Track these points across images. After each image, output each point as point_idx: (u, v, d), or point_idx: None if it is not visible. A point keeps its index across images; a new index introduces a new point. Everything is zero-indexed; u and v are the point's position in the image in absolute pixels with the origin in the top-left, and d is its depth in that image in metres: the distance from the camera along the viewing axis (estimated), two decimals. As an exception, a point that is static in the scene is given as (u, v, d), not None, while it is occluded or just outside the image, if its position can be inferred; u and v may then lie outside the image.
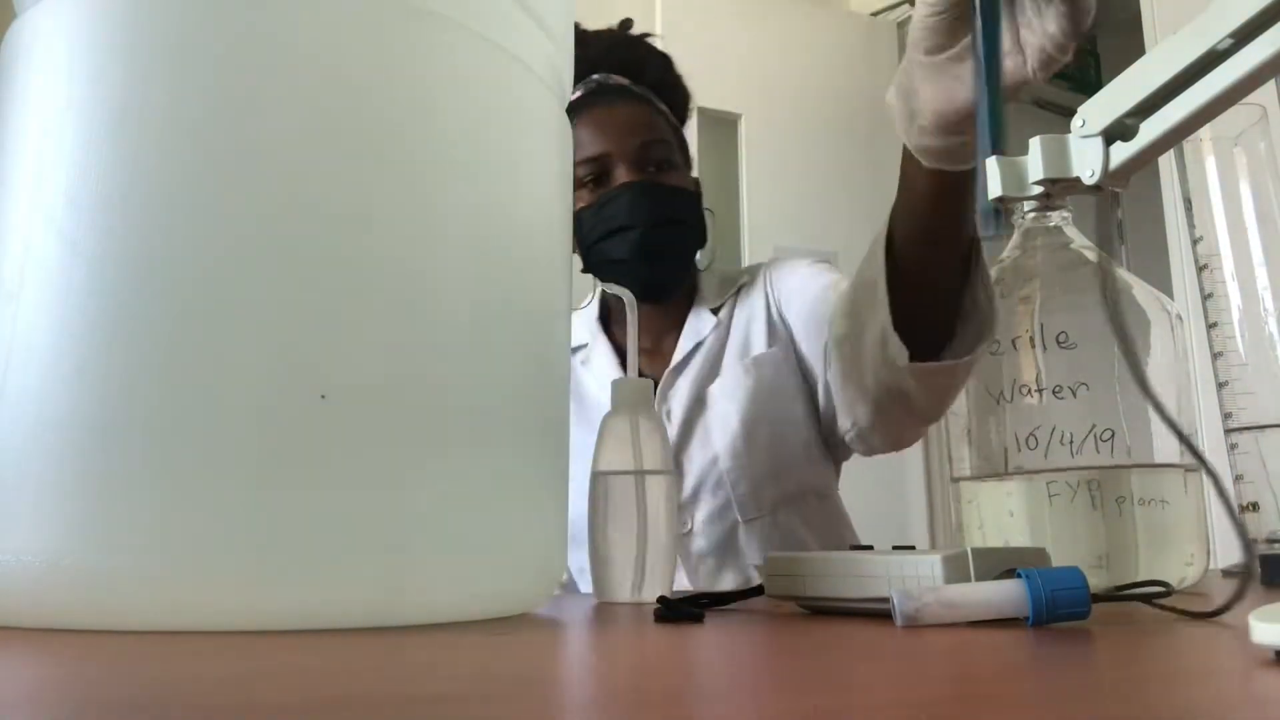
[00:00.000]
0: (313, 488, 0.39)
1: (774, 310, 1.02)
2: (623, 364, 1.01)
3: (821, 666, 0.32)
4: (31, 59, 0.44)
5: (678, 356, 1.01)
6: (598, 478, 0.63)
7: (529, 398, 0.50)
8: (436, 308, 0.44)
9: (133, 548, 0.37)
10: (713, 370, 1.00)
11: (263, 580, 0.39)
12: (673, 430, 0.97)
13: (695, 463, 0.96)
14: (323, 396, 0.40)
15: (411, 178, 0.45)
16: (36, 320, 0.40)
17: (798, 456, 0.98)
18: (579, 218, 0.96)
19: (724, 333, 1.02)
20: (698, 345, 1.01)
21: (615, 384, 0.65)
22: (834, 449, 1.02)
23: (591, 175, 0.97)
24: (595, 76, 1.02)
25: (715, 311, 1.03)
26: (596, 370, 1.03)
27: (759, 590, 0.53)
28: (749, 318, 1.02)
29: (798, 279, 1.02)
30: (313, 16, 0.44)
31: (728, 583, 0.95)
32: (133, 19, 0.42)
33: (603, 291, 1.08)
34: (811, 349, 0.98)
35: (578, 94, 1.00)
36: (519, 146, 0.51)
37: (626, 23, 1.09)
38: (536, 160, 0.53)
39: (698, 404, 0.98)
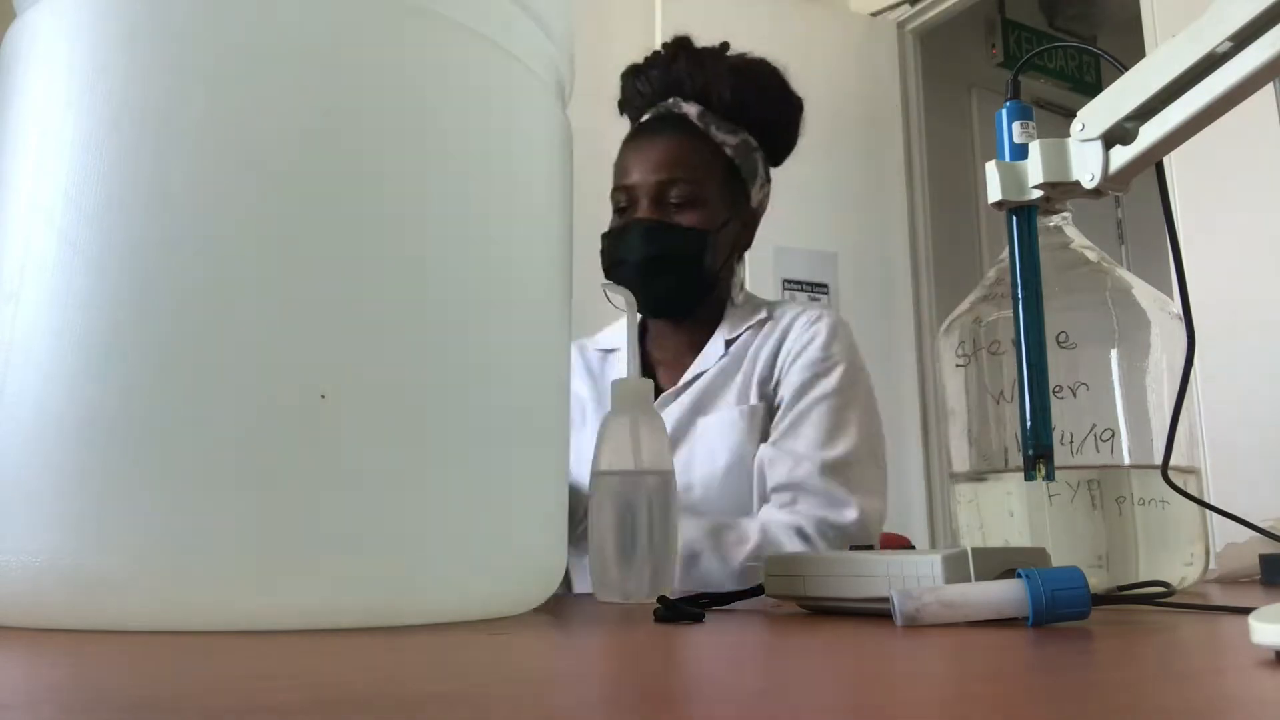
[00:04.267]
0: (313, 488, 0.39)
1: (780, 369, 1.02)
2: (641, 371, 1.02)
3: (821, 666, 0.32)
4: (31, 59, 0.44)
5: (690, 375, 1.04)
6: (598, 478, 0.63)
7: (529, 398, 0.50)
8: (436, 308, 0.44)
9: (132, 548, 0.37)
10: (708, 400, 1.02)
11: (263, 580, 0.39)
12: None
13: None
14: (322, 397, 0.40)
15: (411, 177, 0.45)
16: (36, 320, 0.40)
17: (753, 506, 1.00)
18: (602, 239, 1.03)
19: (731, 365, 1.04)
20: (700, 374, 1.03)
21: (615, 384, 0.66)
22: None
23: (620, 204, 1.03)
24: (669, 101, 1.07)
25: (729, 343, 1.05)
26: (617, 372, 1.05)
27: (759, 590, 0.53)
28: (758, 359, 1.03)
29: (802, 362, 1.01)
30: (312, 17, 0.44)
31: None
32: (132, 19, 0.42)
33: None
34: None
35: (648, 116, 1.07)
36: (519, 146, 0.51)
37: (723, 46, 1.13)
38: (536, 160, 0.53)
39: (686, 430, 1.00)
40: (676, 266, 1.01)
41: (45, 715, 0.22)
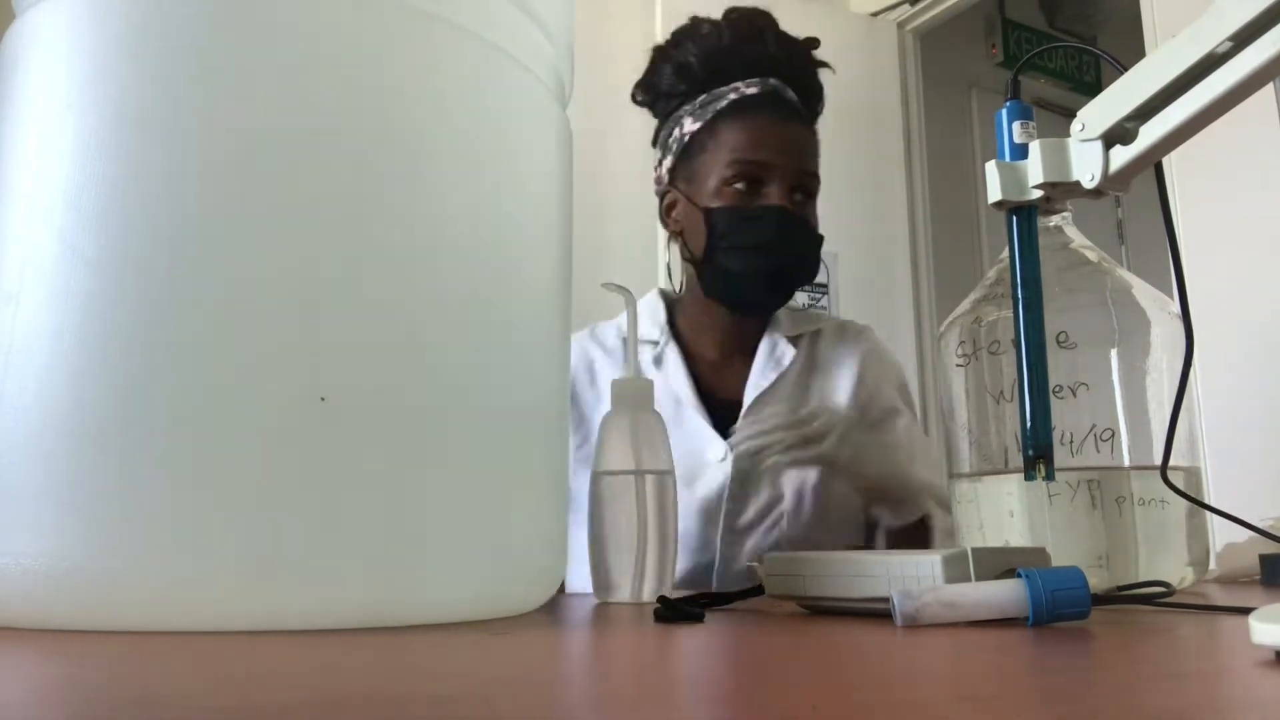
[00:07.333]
0: (313, 489, 0.39)
1: (862, 394, 1.03)
2: (693, 374, 1.02)
3: (821, 666, 0.32)
4: (31, 59, 0.44)
5: (761, 380, 1.00)
6: (598, 478, 0.63)
7: (528, 398, 0.50)
8: (436, 309, 0.44)
9: (132, 549, 0.37)
10: (796, 405, 0.98)
11: (263, 580, 0.39)
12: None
13: (761, 496, 0.97)
14: (323, 399, 0.40)
15: (411, 180, 0.45)
16: (36, 321, 0.40)
17: (851, 515, 0.99)
18: (716, 212, 0.96)
19: (805, 370, 1.02)
20: (781, 376, 1.01)
21: (615, 383, 0.65)
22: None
23: (744, 178, 0.96)
24: (772, 81, 1.01)
25: (793, 342, 1.03)
26: (671, 377, 1.02)
27: (759, 590, 0.53)
28: (831, 375, 1.03)
29: (884, 403, 1.04)
30: (313, 19, 0.44)
31: None
32: (132, 19, 0.42)
33: (662, 290, 1.10)
34: None
35: (753, 90, 0.99)
36: (519, 149, 0.51)
37: (812, 41, 1.07)
38: (536, 162, 0.53)
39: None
40: (805, 266, 0.98)
41: (45, 715, 0.22)
